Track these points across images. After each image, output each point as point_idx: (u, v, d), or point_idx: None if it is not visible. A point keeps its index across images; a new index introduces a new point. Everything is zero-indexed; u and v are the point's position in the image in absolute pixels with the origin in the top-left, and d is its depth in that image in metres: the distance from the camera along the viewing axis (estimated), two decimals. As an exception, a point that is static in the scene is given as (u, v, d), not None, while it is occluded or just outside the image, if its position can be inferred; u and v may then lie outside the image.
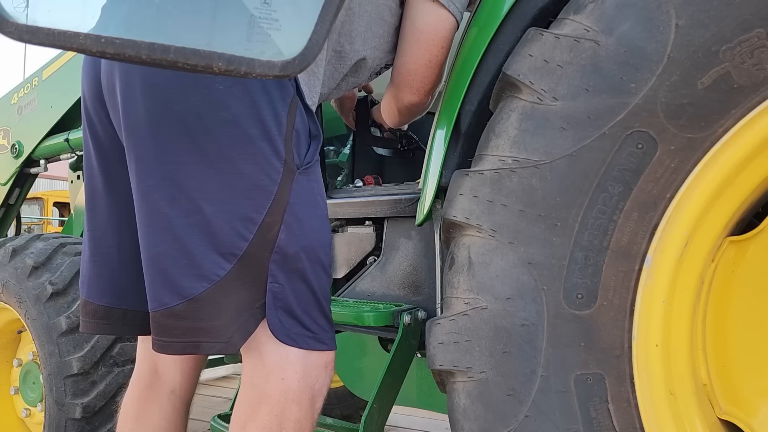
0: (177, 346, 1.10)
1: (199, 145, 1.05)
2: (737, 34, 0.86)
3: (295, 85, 1.13)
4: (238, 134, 1.05)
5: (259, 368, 1.15)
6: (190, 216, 1.06)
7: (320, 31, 0.74)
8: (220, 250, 1.06)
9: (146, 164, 1.08)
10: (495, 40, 1.12)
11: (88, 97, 1.22)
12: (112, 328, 1.29)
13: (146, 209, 1.09)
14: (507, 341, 0.98)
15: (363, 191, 1.67)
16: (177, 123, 1.05)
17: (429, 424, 3.24)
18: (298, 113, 1.12)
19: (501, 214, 0.99)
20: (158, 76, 1.05)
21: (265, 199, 1.07)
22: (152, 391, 1.35)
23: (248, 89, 1.06)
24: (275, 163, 1.08)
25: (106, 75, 1.14)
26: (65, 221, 3.11)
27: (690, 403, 0.95)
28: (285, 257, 1.11)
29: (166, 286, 1.08)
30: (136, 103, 1.07)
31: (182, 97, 1.05)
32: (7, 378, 2.46)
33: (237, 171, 1.06)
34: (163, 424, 1.34)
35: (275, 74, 0.75)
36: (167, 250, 1.07)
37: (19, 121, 2.93)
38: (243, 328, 1.11)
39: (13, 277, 2.18)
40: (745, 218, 1.01)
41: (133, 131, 1.09)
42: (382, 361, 1.75)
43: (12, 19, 0.67)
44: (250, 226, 1.07)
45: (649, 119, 0.91)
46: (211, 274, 1.06)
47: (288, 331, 1.13)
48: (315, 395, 1.17)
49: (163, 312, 1.08)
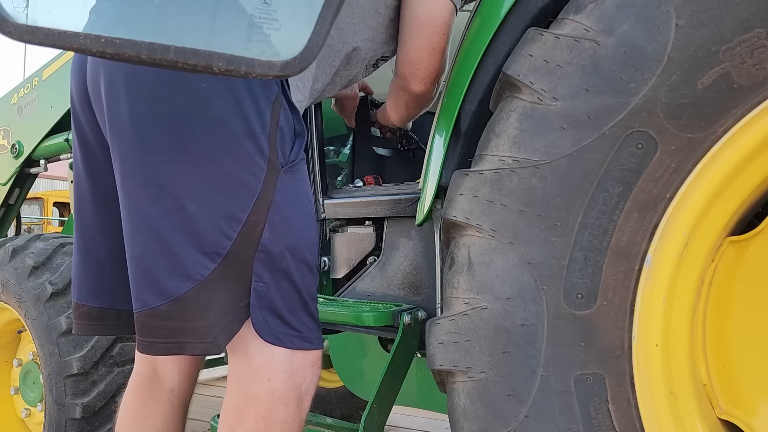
0: (161, 346, 1.10)
1: (183, 144, 1.05)
2: (737, 34, 0.86)
3: (280, 83, 1.12)
4: (222, 132, 1.05)
5: (245, 368, 1.15)
6: (174, 215, 1.05)
7: (320, 31, 0.74)
8: (203, 250, 1.06)
9: (130, 164, 1.08)
10: (495, 40, 1.12)
11: (76, 99, 1.22)
12: (108, 329, 1.29)
13: (130, 209, 1.09)
14: (507, 341, 0.98)
15: (363, 191, 1.67)
16: (160, 122, 1.05)
17: (429, 424, 3.24)
18: (283, 111, 1.12)
19: (501, 214, 0.99)
20: (142, 75, 1.05)
21: (249, 198, 1.07)
22: (151, 390, 1.35)
23: (232, 87, 1.05)
24: (259, 162, 1.07)
25: (91, 75, 1.14)
26: (65, 221, 3.11)
27: (690, 403, 0.95)
28: (269, 256, 1.10)
29: (149, 286, 1.07)
30: (119, 102, 1.07)
31: (166, 96, 1.05)
32: (7, 378, 2.46)
33: (221, 169, 1.06)
34: (161, 423, 1.34)
35: (275, 74, 0.75)
36: (151, 249, 1.07)
37: (19, 121, 2.93)
38: (228, 328, 1.10)
39: (13, 277, 2.18)
40: (745, 218, 1.01)
41: (117, 131, 1.09)
42: (382, 361, 1.75)
43: (12, 19, 0.67)
44: (234, 224, 1.06)
45: (649, 119, 0.91)
46: (194, 273, 1.05)
47: (273, 330, 1.12)
48: (302, 395, 1.16)
49: (147, 312, 1.08)
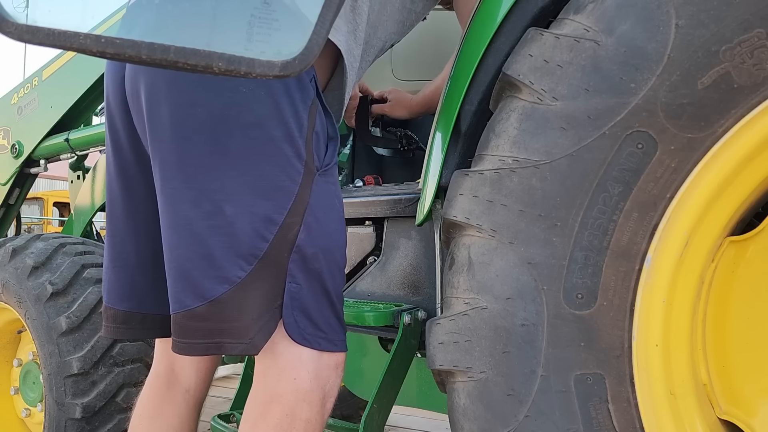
0: (199, 347, 1.11)
1: (222, 147, 1.06)
2: (737, 34, 0.86)
3: (315, 87, 1.13)
4: (261, 136, 1.06)
5: (272, 367, 1.15)
6: (212, 218, 1.06)
7: (320, 31, 0.74)
8: (240, 252, 1.06)
9: (170, 167, 1.09)
10: (495, 40, 1.12)
11: (113, 103, 1.22)
12: (133, 333, 1.29)
13: (169, 212, 1.10)
14: (507, 341, 0.98)
15: (363, 191, 1.67)
16: (200, 125, 1.06)
17: (429, 424, 3.24)
18: (318, 115, 1.13)
19: (501, 214, 0.99)
20: (183, 80, 1.06)
21: (286, 200, 1.08)
22: (168, 390, 1.35)
23: (271, 91, 1.06)
24: (296, 165, 1.08)
25: (130, 79, 1.14)
26: (65, 221, 3.10)
27: (690, 403, 0.95)
28: (304, 257, 1.11)
29: (187, 288, 1.08)
30: (160, 107, 1.08)
31: (206, 100, 1.06)
32: (7, 378, 2.46)
33: (259, 172, 1.06)
34: (177, 422, 1.35)
35: (275, 74, 0.75)
36: (188, 252, 1.08)
37: (19, 121, 2.93)
38: (265, 328, 1.11)
39: (13, 277, 2.18)
40: (745, 218, 1.01)
41: (157, 135, 1.09)
42: (382, 361, 1.75)
43: (12, 19, 0.67)
44: (271, 227, 1.07)
45: (649, 119, 0.91)
46: (232, 275, 1.06)
47: (302, 331, 1.13)
48: (326, 396, 1.17)
49: (184, 314, 1.09)
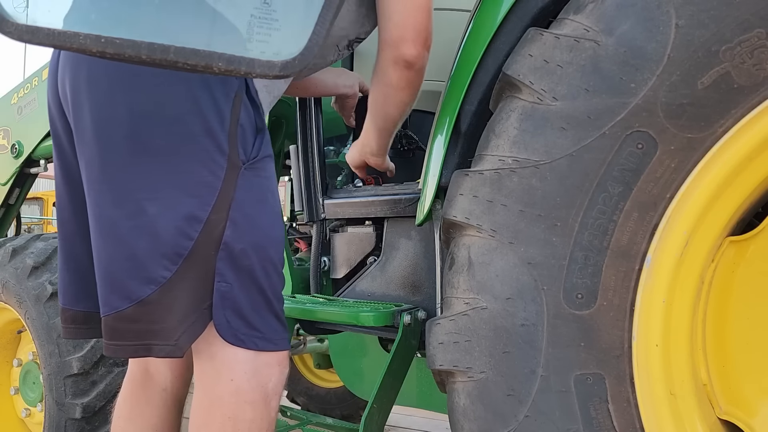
0: (128, 349, 1.10)
1: (143, 145, 1.05)
2: (737, 34, 0.86)
3: (242, 79, 1.11)
4: (181, 132, 1.05)
5: (208, 370, 1.14)
6: (135, 218, 1.05)
7: (320, 31, 0.74)
8: (164, 252, 1.05)
9: (93, 168, 1.08)
10: (495, 40, 1.12)
11: (53, 106, 1.21)
12: (93, 332, 1.28)
13: (95, 214, 1.09)
14: (507, 341, 0.98)
15: (363, 191, 1.67)
16: (121, 125, 1.05)
17: (429, 424, 3.24)
18: (243, 108, 1.11)
19: (501, 214, 0.99)
20: (102, 79, 1.05)
21: (210, 196, 1.07)
22: (144, 389, 1.35)
23: (190, 86, 1.05)
24: (219, 159, 1.07)
25: (61, 84, 1.14)
26: (65, 221, 3.09)
27: (690, 403, 0.95)
28: (232, 255, 1.09)
29: (115, 290, 1.08)
30: (82, 109, 1.07)
31: (125, 99, 1.05)
32: (7, 378, 2.46)
33: (181, 169, 1.05)
34: (155, 422, 1.34)
35: (275, 74, 0.75)
36: (114, 253, 1.07)
37: (19, 121, 2.92)
38: (190, 330, 1.10)
39: (13, 277, 2.18)
40: (745, 218, 1.01)
41: (82, 137, 1.09)
42: (382, 361, 1.75)
43: (12, 19, 0.67)
44: (195, 224, 1.06)
45: (649, 119, 0.91)
46: (157, 276, 1.05)
47: (236, 331, 1.12)
48: (269, 394, 1.16)
49: (114, 315, 1.08)
